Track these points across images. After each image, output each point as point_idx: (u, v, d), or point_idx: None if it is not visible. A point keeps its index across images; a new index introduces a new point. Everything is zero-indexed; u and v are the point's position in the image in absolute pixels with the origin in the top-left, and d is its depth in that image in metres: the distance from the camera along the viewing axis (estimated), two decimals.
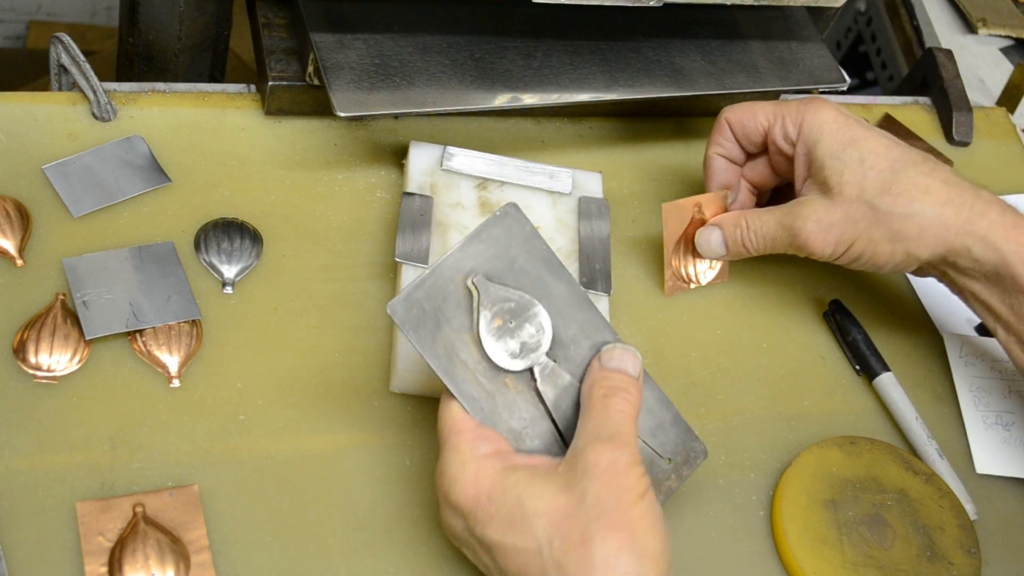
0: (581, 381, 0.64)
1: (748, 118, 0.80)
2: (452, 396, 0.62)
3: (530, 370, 0.63)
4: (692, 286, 0.83)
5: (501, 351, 0.62)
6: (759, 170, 0.83)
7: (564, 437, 0.63)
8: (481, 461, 0.60)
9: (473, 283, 0.62)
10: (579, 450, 0.59)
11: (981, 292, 0.74)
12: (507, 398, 0.62)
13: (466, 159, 0.82)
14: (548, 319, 0.63)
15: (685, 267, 0.82)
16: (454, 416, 0.62)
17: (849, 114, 0.76)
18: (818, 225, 0.74)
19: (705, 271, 0.83)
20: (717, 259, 0.82)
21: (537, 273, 0.64)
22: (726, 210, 0.82)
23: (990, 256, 0.71)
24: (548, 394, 0.63)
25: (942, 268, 0.75)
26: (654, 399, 0.67)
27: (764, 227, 0.78)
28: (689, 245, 0.82)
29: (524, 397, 0.63)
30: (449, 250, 0.62)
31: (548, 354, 0.63)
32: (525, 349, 0.63)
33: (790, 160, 0.79)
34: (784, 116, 0.78)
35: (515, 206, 0.64)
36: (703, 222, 0.81)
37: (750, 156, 0.83)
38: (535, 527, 0.57)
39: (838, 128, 0.75)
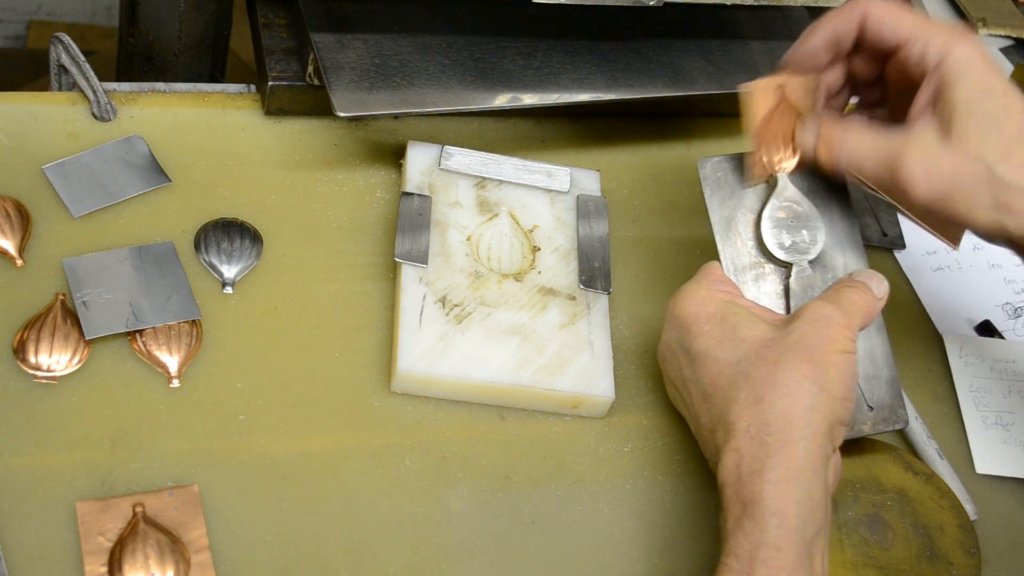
0: None
1: (889, 23, 0.71)
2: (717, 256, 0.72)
3: (788, 266, 0.72)
4: (771, 176, 0.75)
5: (774, 238, 0.72)
6: (857, 69, 0.76)
7: None
8: (713, 291, 0.69)
9: (777, 174, 0.73)
10: (801, 307, 0.68)
11: None
12: (758, 278, 0.72)
13: (464, 158, 0.82)
14: (824, 237, 0.72)
15: (769, 153, 0.74)
16: (712, 265, 0.71)
17: (992, 60, 0.69)
18: (926, 171, 0.67)
19: (786, 159, 0.74)
20: (808, 159, 0.74)
21: (831, 202, 0.74)
22: (813, 99, 0.74)
23: None
24: (795, 292, 0.71)
25: None
26: (881, 352, 0.73)
27: (862, 152, 0.70)
28: (773, 129, 0.74)
29: (772, 286, 0.72)
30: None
31: (810, 263, 0.72)
32: (793, 248, 0.72)
33: (909, 86, 0.71)
34: (929, 40, 0.69)
35: None
36: (791, 106, 0.74)
37: (853, 55, 0.75)
38: (739, 347, 0.66)
39: (982, 74, 0.68)
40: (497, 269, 0.78)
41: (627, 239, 0.85)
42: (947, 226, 0.71)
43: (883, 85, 0.76)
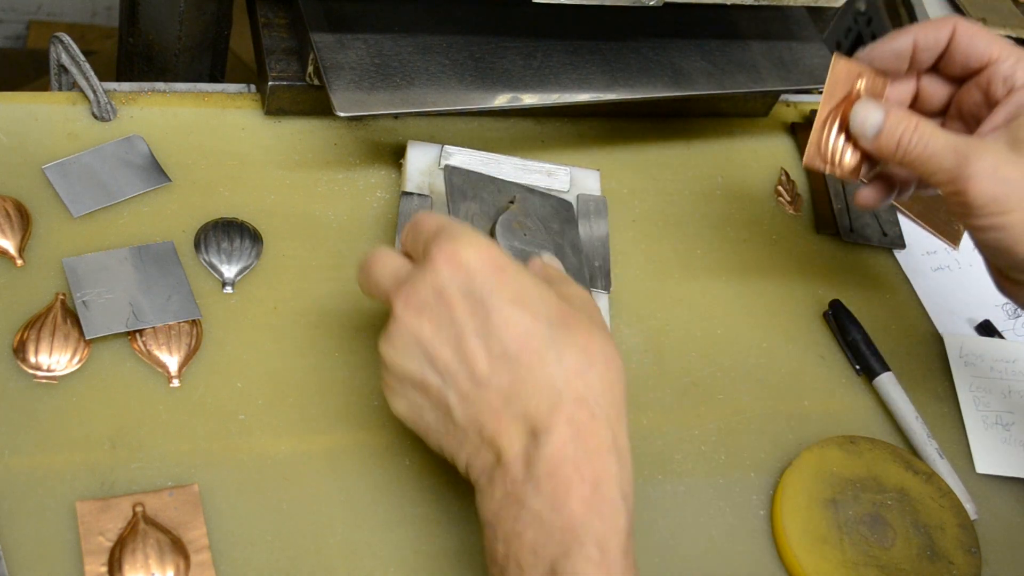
0: None
1: (981, 39, 0.71)
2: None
3: None
4: (827, 168, 0.74)
5: (506, 240, 0.74)
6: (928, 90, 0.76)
7: None
8: (490, 240, 0.61)
9: (517, 197, 0.78)
10: (558, 281, 0.64)
11: None
12: None
13: (464, 158, 0.82)
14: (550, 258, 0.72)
15: (829, 140, 0.74)
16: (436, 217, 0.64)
17: None
18: (994, 170, 0.66)
19: (845, 156, 0.74)
20: (862, 139, 0.72)
21: (563, 243, 0.77)
22: (883, 96, 0.75)
23: None
24: None
25: None
26: None
27: (934, 138, 0.68)
28: (841, 118, 0.74)
29: None
30: (518, 179, 0.81)
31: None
32: (522, 255, 0.73)
33: (986, 103, 0.72)
34: (1020, 59, 0.70)
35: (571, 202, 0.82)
36: (859, 97, 0.74)
37: (925, 74, 0.75)
38: (540, 307, 0.58)
39: None
40: None
41: (627, 239, 0.85)
42: (991, 252, 0.70)
43: (944, 114, 0.76)
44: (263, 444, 0.69)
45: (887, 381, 0.80)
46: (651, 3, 0.81)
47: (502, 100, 0.82)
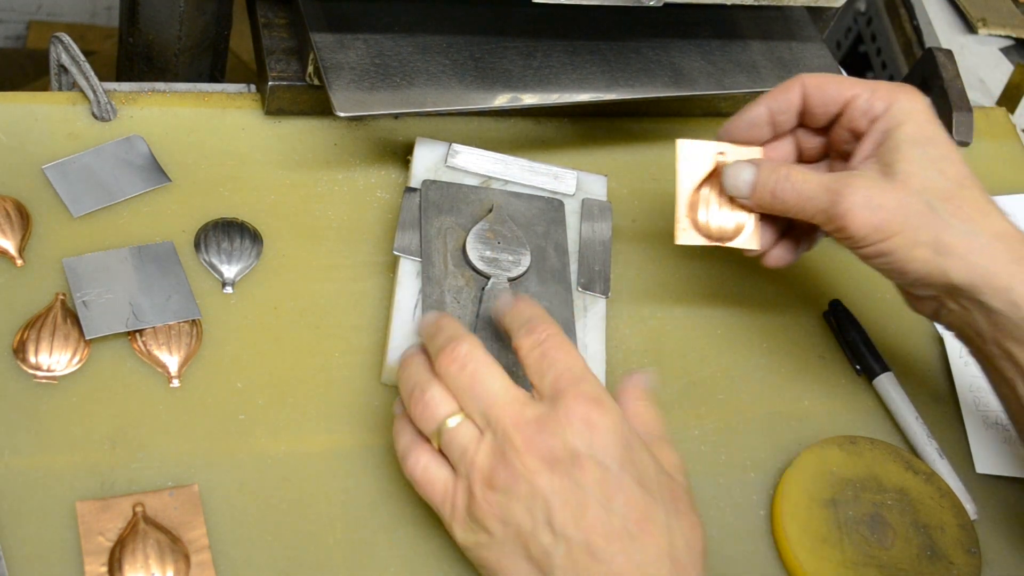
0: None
1: (831, 86, 0.73)
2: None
3: (486, 279, 0.75)
4: (709, 242, 0.75)
5: (477, 251, 0.75)
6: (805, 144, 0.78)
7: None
8: (617, 407, 0.62)
9: (495, 205, 0.79)
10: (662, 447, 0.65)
11: (1009, 345, 0.68)
12: (455, 286, 0.74)
13: (471, 157, 0.82)
14: (528, 263, 0.76)
15: (707, 217, 0.74)
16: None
17: (933, 112, 0.72)
18: (867, 201, 0.67)
19: (728, 228, 0.75)
20: (739, 198, 0.73)
21: (546, 245, 0.78)
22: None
23: None
24: (487, 303, 0.73)
25: (964, 303, 0.69)
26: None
27: (805, 183, 0.70)
28: (713, 193, 0.75)
29: (467, 296, 0.74)
30: (496, 187, 0.81)
31: (509, 280, 0.75)
32: (494, 264, 0.75)
33: (855, 138, 0.73)
34: (874, 90, 0.71)
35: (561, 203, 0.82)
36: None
37: (797, 129, 0.77)
38: (655, 489, 0.60)
39: (926, 120, 0.70)
40: None
41: (627, 239, 0.85)
42: (887, 275, 0.71)
43: (826, 155, 0.78)
44: (263, 444, 0.69)
45: (887, 381, 0.80)
46: (651, 3, 0.81)
47: (502, 100, 0.82)
